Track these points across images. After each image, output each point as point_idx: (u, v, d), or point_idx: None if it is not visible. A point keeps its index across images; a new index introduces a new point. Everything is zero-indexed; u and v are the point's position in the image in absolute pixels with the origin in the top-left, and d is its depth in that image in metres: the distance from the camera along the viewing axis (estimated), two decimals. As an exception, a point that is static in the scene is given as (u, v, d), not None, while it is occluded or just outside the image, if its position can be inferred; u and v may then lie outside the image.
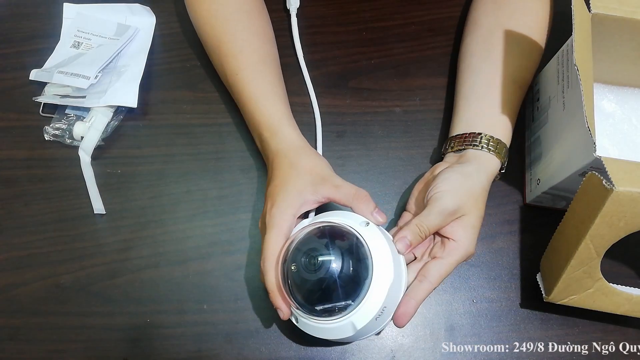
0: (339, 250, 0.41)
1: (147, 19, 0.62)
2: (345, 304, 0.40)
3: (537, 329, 0.50)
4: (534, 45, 0.53)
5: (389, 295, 0.41)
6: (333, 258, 0.40)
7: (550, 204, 0.54)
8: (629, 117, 0.56)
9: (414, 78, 0.61)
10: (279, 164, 0.47)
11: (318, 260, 0.40)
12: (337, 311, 0.41)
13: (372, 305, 0.40)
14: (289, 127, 0.49)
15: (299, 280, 0.41)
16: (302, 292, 0.41)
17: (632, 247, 0.49)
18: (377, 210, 0.44)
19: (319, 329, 0.42)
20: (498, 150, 0.48)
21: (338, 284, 0.40)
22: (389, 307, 0.42)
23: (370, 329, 0.42)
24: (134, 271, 0.51)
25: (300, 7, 0.63)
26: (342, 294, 0.40)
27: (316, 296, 0.41)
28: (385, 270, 0.41)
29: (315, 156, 0.48)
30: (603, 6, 0.47)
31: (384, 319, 0.42)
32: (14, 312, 0.50)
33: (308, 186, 0.45)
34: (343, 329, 0.41)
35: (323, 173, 0.46)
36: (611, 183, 0.38)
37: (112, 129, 0.57)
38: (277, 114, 0.50)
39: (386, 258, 0.41)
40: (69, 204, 0.54)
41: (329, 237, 0.42)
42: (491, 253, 0.53)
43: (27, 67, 0.58)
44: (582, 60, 0.42)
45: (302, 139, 0.49)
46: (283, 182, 0.45)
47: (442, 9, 0.65)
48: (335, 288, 0.40)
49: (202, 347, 0.49)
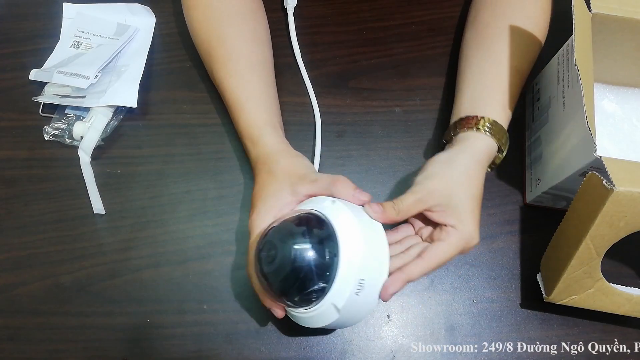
0: (300, 236, 0.40)
1: (146, 19, 0.62)
2: (320, 287, 0.40)
3: (537, 329, 0.50)
4: (533, 37, 0.53)
5: (364, 267, 0.39)
6: (293, 247, 0.39)
7: (551, 204, 0.54)
8: (629, 117, 0.56)
9: (414, 78, 0.61)
10: (259, 170, 0.48)
11: (279, 254, 0.40)
12: (315, 297, 0.40)
13: (347, 280, 0.39)
14: (269, 134, 0.49)
15: (269, 280, 0.41)
16: (277, 287, 0.41)
17: (632, 247, 0.49)
18: (358, 190, 0.43)
19: (307, 319, 0.42)
20: (492, 130, 0.48)
21: (305, 270, 0.39)
22: (369, 279, 0.40)
23: (357, 306, 0.41)
24: (134, 271, 0.51)
25: (300, 6, 0.63)
26: (314, 279, 0.40)
27: (289, 290, 0.41)
28: (354, 243, 0.40)
29: (293, 157, 0.48)
30: (603, 6, 0.47)
31: (367, 293, 0.40)
32: (13, 312, 0.50)
33: (285, 188, 0.45)
34: (328, 313, 0.40)
35: (300, 172, 0.46)
36: (611, 183, 0.38)
37: (111, 129, 0.56)
38: (258, 122, 0.50)
39: (354, 231, 0.40)
40: (69, 204, 0.54)
41: (290, 226, 0.41)
42: (491, 253, 0.53)
43: (26, 67, 0.58)
44: (582, 60, 0.42)
45: (281, 142, 0.49)
46: (261, 188, 0.46)
47: (442, 9, 0.65)
48: (303, 274, 0.39)
49: (202, 347, 0.49)
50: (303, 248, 0.40)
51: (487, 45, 0.53)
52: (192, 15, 0.56)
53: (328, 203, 0.42)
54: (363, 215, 0.42)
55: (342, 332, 0.50)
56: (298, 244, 0.40)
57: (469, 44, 0.55)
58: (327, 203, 0.42)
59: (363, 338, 0.49)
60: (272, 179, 0.46)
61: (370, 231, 0.41)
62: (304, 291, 0.40)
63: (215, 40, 0.53)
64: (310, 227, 0.41)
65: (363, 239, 0.40)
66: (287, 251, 0.39)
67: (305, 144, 0.57)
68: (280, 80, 0.56)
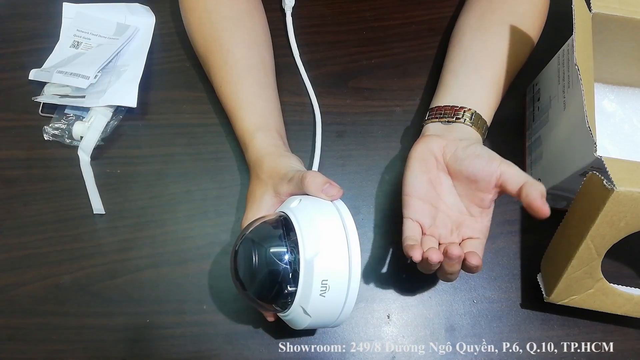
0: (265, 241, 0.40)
1: (146, 19, 0.62)
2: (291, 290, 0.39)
3: (537, 329, 0.50)
4: (526, 34, 0.53)
5: (325, 267, 0.38)
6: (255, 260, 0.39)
7: (551, 204, 0.53)
8: (630, 117, 0.56)
9: (414, 78, 0.61)
10: (250, 175, 0.49)
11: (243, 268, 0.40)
12: (289, 301, 0.40)
13: (309, 283, 0.38)
14: (259, 139, 0.49)
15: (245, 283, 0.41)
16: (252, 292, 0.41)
17: (632, 247, 0.49)
18: (328, 185, 0.42)
19: (288, 322, 0.42)
20: (479, 125, 0.49)
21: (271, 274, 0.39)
22: (333, 280, 0.39)
23: (327, 308, 0.39)
24: (133, 271, 0.51)
25: (300, 6, 0.63)
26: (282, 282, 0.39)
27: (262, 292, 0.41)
28: (313, 245, 0.38)
29: (278, 158, 0.47)
30: (603, 6, 0.47)
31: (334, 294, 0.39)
32: (13, 312, 0.50)
33: (269, 191, 0.46)
34: (300, 317, 0.40)
35: (281, 172, 0.45)
36: (612, 183, 0.38)
37: (111, 128, 0.56)
38: (250, 127, 0.50)
39: (313, 231, 0.39)
40: (69, 204, 0.54)
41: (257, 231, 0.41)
42: (491, 253, 0.53)
43: (26, 67, 0.58)
44: (582, 60, 0.42)
45: (271, 145, 0.49)
46: (251, 193, 0.48)
47: (442, 9, 0.65)
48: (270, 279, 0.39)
49: (202, 347, 0.49)
50: (266, 253, 0.39)
51: (483, 37, 0.53)
52: (189, 19, 0.56)
53: (295, 203, 0.42)
54: (330, 212, 0.41)
55: (342, 332, 0.50)
56: (261, 249, 0.39)
57: (464, 29, 0.55)
58: (295, 203, 0.42)
59: (363, 338, 0.49)
60: (258, 183, 0.47)
61: (335, 230, 0.39)
62: (276, 295, 0.40)
63: (211, 45, 0.54)
64: (274, 231, 0.40)
65: (324, 240, 0.39)
66: (252, 256, 0.39)
67: (305, 144, 0.57)
68: (279, 80, 0.56)
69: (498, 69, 0.51)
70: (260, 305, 0.43)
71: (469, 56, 0.53)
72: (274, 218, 0.42)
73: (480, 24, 0.54)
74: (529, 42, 0.54)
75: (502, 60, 0.52)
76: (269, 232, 0.41)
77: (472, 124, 0.48)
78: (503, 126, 0.55)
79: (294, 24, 0.62)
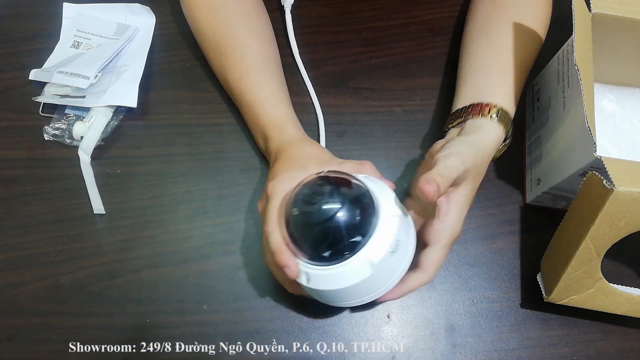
0: (340, 190, 0.40)
1: (146, 19, 0.62)
2: (355, 240, 0.39)
3: (537, 329, 0.50)
4: (534, 31, 0.53)
5: (401, 229, 0.39)
6: (335, 196, 0.39)
7: (551, 204, 0.53)
8: (630, 117, 0.56)
9: (414, 78, 0.61)
10: (284, 151, 0.47)
11: (318, 199, 0.39)
12: (348, 252, 0.39)
13: (385, 236, 0.39)
14: (294, 126, 0.50)
15: (303, 226, 0.40)
16: (308, 239, 0.40)
17: (632, 247, 0.49)
18: (383, 178, 0.44)
19: (333, 279, 0.39)
20: (500, 117, 0.47)
21: (344, 221, 0.38)
22: (403, 243, 0.40)
23: (387, 270, 0.40)
24: (133, 271, 0.51)
25: (300, 6, 0.63)
26: (350, 231, 0.39)
27: (324, 239, 0.39)
28: (391, 203, 0.40)
29: (318, 146, 0.49)
30: (603, 6, 0.47)
31: (399, 258, 0.40)
32: (13, 312, 0.50)
33: (313, 165, 0.44)
34: (359, 270, 0.39)
35: (326, 157, 0.47)
36: (611, 183, 0.38)
37: (111, 128, 0.56)
38: (283, 116, 0.50)
39: (390, 193, 0.41)
40: (69, 204, 0.54)
41: (329, 182, 0.41)
42: (491, 253, 0.53)
43: (26, 67, 0.58)
44: (582, 60, 0.42)
45: (304, 134, 0.50)
46: (288, 161, 0.46)
47: (442, 9, 0.65)
48: (341, 226, 0.38)
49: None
50: (348, 200, 0.39)
51: (491, 36, 0.53)
52: (196, 16, 0.55)
53: (360, 176, 0.42)
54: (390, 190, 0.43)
55: (342, 332, 0.50)
56: (341, 195, 0.39)
57: (472, 34, 0.55)
58: (359, 175, 0.42)
59: (363, 338, 0.49)
60: (300, 157, 0.46)
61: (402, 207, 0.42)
62: (340, 242, 0.39)
63: (224, 39, 0.53)
64: (351, 185, 0.40)
65: (399, 202, 0.41)
66: (331, 198, 0.39)
67: (305, 144, 0.57)
68: (279, 80, 0.56)
69: (513, 67, 0.50)
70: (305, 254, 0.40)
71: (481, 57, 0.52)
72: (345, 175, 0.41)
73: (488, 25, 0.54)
74: (538, 36, 0.54)
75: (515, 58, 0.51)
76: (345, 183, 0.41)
77: (490, 117, 0.47)
78: (503, 126, 0.55)
79: (294, 24, 0.62)
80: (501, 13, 0.54)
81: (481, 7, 0.56)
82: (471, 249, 0.53)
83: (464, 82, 0.53)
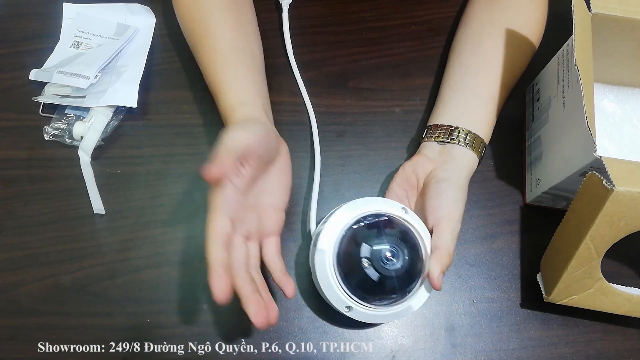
0: (401, 241, 0.44)
1: (146, 19, 0.62)
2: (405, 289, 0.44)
3: (537, 329, 0.50)
4: (524, 47, 0.54)
5: None
6: (402, 251, 0.43)
7: (551, 204, 0.53)
8: (630, 117, 0.56)
9: (414, 78, 0.61)
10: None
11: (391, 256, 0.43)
12: (396, 298, 0.44)
13: (426, 286, 0.45)
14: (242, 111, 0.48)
15: (368, 275, 0.43)
16: (367, 285, 0.43)
17: (632, 247, 0.49)
18: None
19: (375, 315, 0.45)
20: (475, 145, 0.49)
21: (404, 274, 0.43)
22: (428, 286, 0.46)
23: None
24: (133, 271, 0.51)
25: (300, 6, 0.63)
26: (405, 282, 0.44)
27: (381, 290, 0.43)
28: (427, 251, 0.45)
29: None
30: (603, 6, 0.47)
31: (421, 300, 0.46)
32: (13, 312, 0.50)
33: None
34: (401, 313, 0.45)
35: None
36: (611, 183, 0.38)
37: (111, 128, 0.56)
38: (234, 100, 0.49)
39: (427, 241, 0.45)
40: (69, 204, 0.54)
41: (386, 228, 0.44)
42: (491, 253, 0.53)
43: (26, 67, 0.58)
44: (582, 60, 0.42)
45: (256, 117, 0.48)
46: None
47: (442, 9, 0.65)
48: (402, 278, 0.43)
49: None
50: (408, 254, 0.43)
51: (482, 52, 0.53)
52: (179, 11, 0.56)
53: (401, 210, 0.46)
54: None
55: (342, 332, 0.50)
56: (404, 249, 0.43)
57: (463, 45, 0.55)
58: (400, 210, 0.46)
59: (363, 338, 0.49)
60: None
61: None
62: (394, 293, 0.44)
63: (198, 32, 0.54)
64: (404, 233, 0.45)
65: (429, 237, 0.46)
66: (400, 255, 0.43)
67: (305, 144, 0.57)
68: (277, 80, 0.56)
69: (497, 85, 0.52)
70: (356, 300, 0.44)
71: (468, 72, 0.53)
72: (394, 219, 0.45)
73: (479, 38, 0.54)
74: (529, 51, 0.54)
75: (501, 76, 0.52)
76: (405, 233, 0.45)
77: (466, 144, 0.49)
78: (503, 126, 0.55)
79: (294, 25, 0.62)
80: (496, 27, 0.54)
81: (476, 16, 0.56)
82: (471, 249, 0.53)
83: (447, 96, 0.53)
